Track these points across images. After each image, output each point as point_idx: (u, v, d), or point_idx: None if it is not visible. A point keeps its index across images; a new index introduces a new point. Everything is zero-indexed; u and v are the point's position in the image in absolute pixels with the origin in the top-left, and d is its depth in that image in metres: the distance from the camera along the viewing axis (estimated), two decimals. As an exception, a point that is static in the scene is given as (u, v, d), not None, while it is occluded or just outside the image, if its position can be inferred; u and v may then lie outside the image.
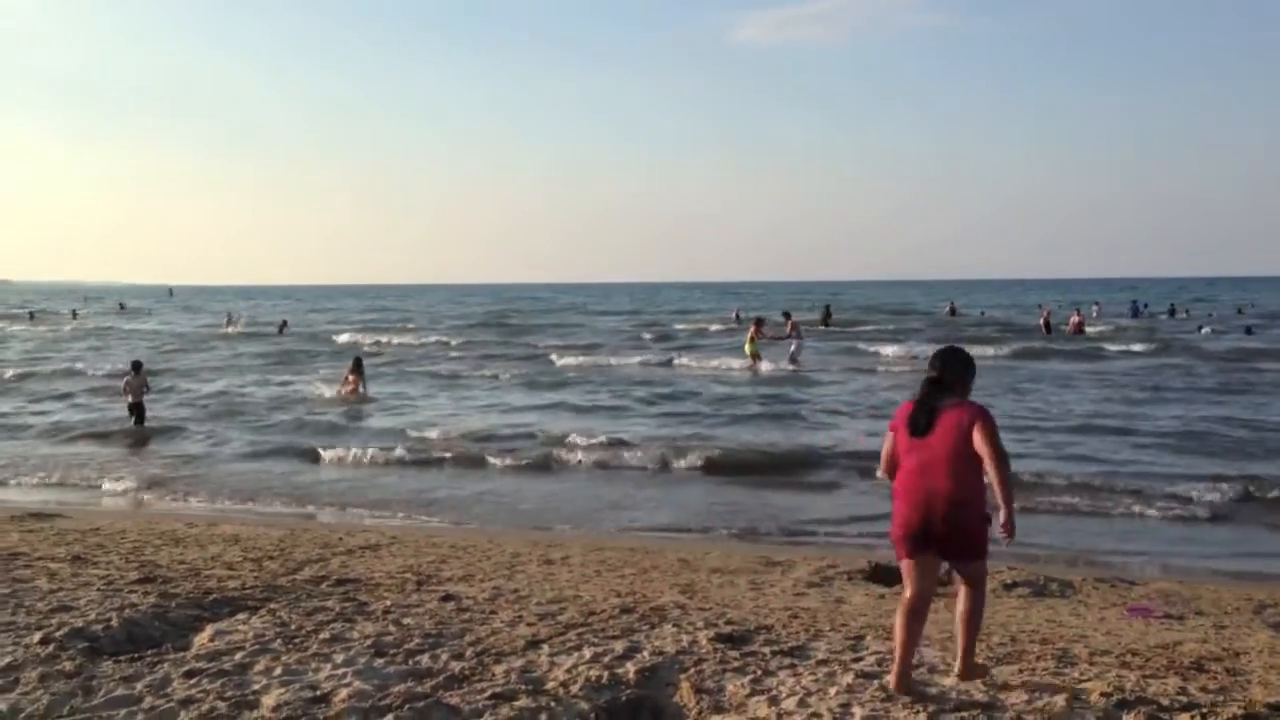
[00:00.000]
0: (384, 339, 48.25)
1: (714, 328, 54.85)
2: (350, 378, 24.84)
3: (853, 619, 6.71)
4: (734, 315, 63.58)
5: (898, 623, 5.11)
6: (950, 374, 5.39)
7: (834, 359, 34.07)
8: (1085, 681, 5.16)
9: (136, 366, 20.56)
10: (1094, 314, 60.17)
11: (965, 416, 5.17)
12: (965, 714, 4.54)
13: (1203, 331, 45.61)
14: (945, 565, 5.26)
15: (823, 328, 52.22)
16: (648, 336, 49.86)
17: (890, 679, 5.03)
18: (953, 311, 71.25)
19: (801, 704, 4.73)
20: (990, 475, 5.07)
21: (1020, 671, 5.37)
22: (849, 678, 5.11)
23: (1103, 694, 4.87)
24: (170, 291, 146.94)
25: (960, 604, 5.20)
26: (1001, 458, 5.08)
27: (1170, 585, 8.11)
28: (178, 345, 45.28)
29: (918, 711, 4.59)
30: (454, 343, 45.76)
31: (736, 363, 31.36)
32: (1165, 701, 4.79)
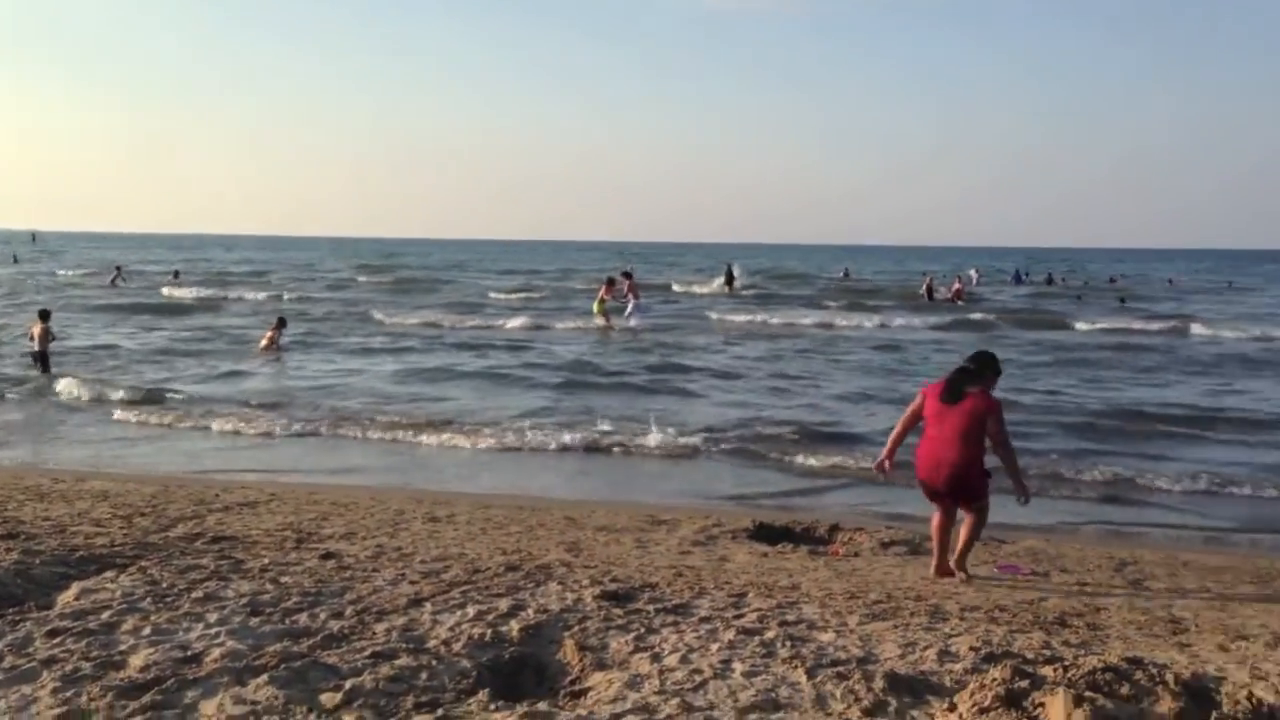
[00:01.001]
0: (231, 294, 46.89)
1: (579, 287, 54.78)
2: (270, 334, 24.78)
3: (736, 577, 6.81)
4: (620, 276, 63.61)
5: (933, 531, 7.32)
6: (980, 368, 7.14)
7: (688, 322, 34.58)
8: (956, 636, 5.32)
9: (44, 315, 20.25)
10: (974, 280, 61.74)
11: (982, 404, 6.98)
12: (842, 668, 4.64)
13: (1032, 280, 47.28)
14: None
15: (726, 291, 52.89)
16: (499, 297, 48.82)
17: (931, 569, 7.31)
18: (846, 275, 72.68)
19: (683, 660, 4.78)
20: (999, 456, 7.04)
21: (895, 627, 5.51)
22: (731, 634, 5.18)
23: (971, 648, 5.04)
24: (33, 237, 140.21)
25: (965, 524, 7.24)
26: (1006, 443, 7.02)
27: (1038, 543, 8.41)
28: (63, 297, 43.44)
29: (796, 665, 4.68)
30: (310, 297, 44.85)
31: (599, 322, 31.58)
32: (1030, 655, 4.98)
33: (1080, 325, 35.26)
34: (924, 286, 50.57)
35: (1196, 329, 33.35)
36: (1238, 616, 6.33)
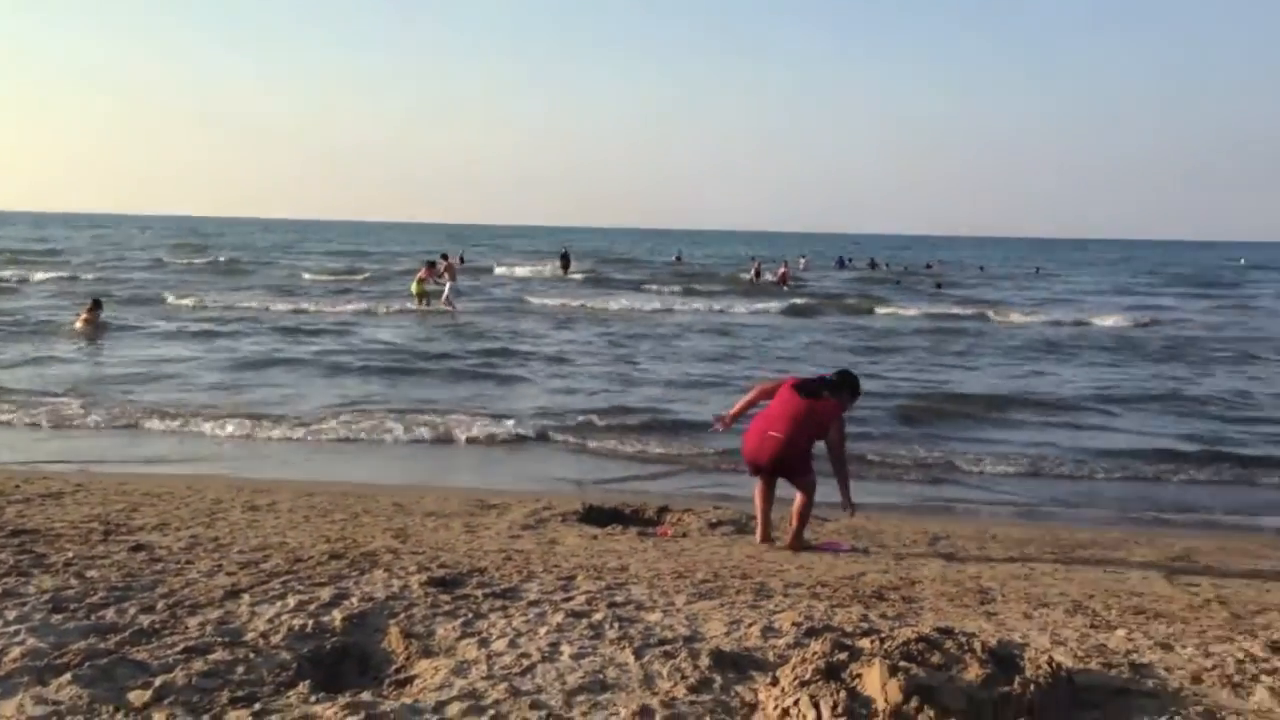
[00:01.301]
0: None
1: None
2: (84, 316, 23.77)
3: (565, 560, 6.81)
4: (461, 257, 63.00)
5: (755, 499, 7.87)
6: (841, 382, 7.68)
7: (519, 306, 34.60)
8: (779, 612, 5.45)
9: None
10: (801, 266, 63.38)
11: (830, 410, 7.53)
12: (669, 647, 4.70)
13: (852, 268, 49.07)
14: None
15: (562, 275, 52.99)
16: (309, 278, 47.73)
17: (756, 538, 7.82)
18: (678, 260, 73.61)
19: (511, 644, 4.75)
20: (833, 465, 7.58)
21: (721, 606, 5.61)
22: (559, 617, 5.17)
23: (794, 623, 5.17)
24: None
25: (795, 503, 7.66)
26: (842, 455, 7.59)
27: (858, 520, 8.68)
28: None
29: (624, 646, 4.71)
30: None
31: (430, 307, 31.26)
32: (849, 628, 5.14)
33: (897, 310, 36.63)
34: (752, 271, 51.77)
35: (998, 315, 35.06)
36: (1040, 585, 6.68)
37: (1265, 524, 10.04)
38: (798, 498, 7.72)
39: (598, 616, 5.18)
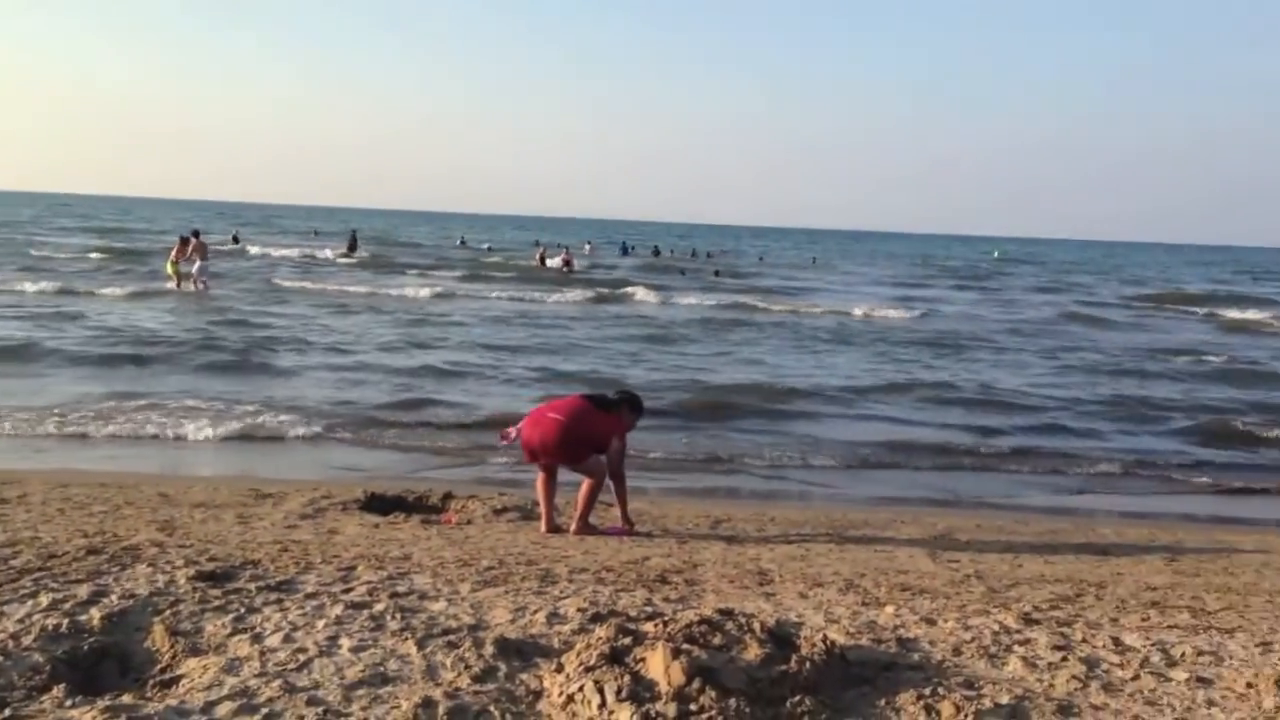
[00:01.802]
0: None
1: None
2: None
3: (345, 550, 6.61)
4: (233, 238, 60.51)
5: (537, 487, 7.95)
6: (623, 400, 8.01)
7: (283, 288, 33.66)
8: (564, 598, 5.45)
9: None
10: (586, 251, 63.75)
11: (613, 424, 7.83)
12: (453, 637, 4.62)
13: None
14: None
15: (348, 256, 51.76)
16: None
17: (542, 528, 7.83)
18: (463, 244, 72.76)
19: (287, 639, 4.57)
20: (613, 482, 7.89)
21: (506, 593, 5.56)
22: (338, 609, 5.01)
23: (579, 609, 5.18)
24: None
25: (583, 486, 7.86)
26: (620, 471, 7.87)
27: (642, 505, 8.80)
28: None
29: (406, 637, 4.60)
30: None
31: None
32: (634, 612, 5.19)
33: (676, 299, 37.21)
34: (537, 256, 51.79)
35: (769, 303, 36.22)
36: (815, 565, 6.93)
37: (1018, 503, 10.73)
38: (585, 482, 7.90)
39: (379, 608, 5.05)
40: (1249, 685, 4.53)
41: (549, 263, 50.15)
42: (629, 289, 39.96)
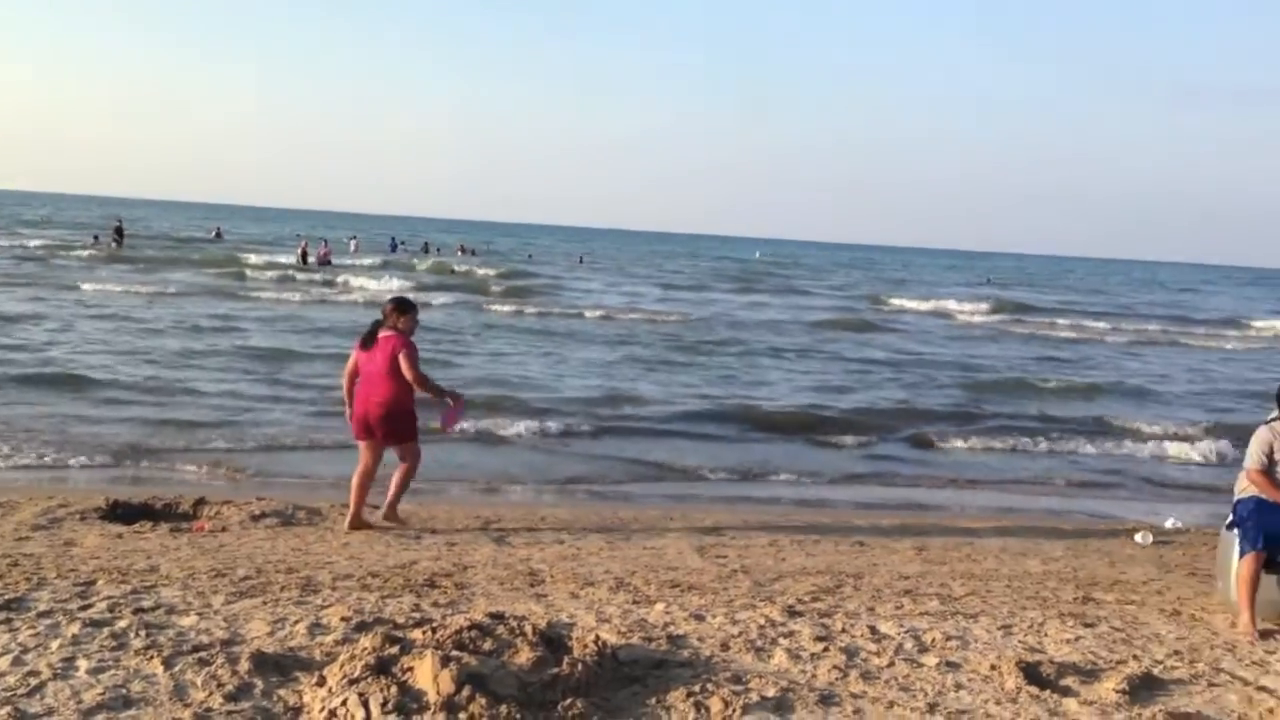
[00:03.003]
0: None
1: None
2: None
3: (83, 563, 6.14)
4: None
5: (353, 483, 7.98)
6: (389, 313, 7.96)
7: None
8: (327, 607, 5.23)
9: None
10: (351, 247, 62.00)
11: (394, 342, 7.80)
12: (204, 653, 4.35)
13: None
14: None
15: (114, 246, 49.06)
16: None
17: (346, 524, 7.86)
18: (218, 236, 69.59)
19: (16, 662, 4.20)
20: (419, 387, 7.82)
21: (264, 604, 5.30)
22: (75, 628, 4.64)
23: (343, 618, 4.98)
24: None
25: (398, 471, 8.06)
26: (419, 374, 7.78)
27: (410, 507, 8.57)
28: None
29: (152, 656, 4.30)
30: None
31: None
32: (401, 619, 5.03)
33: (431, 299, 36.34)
34: (299, 250, 50.08)
35: (541, 306, 36.18)
36: (586, 564, 6.92)
37: (781, 496, 11.07)
38: (401, 467, 8.09)
39: (121, 624, 4.71)
40: (993, 668, 4.81)
41: (310, 259, 48.40)
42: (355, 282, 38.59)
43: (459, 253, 70.84)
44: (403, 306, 8.07)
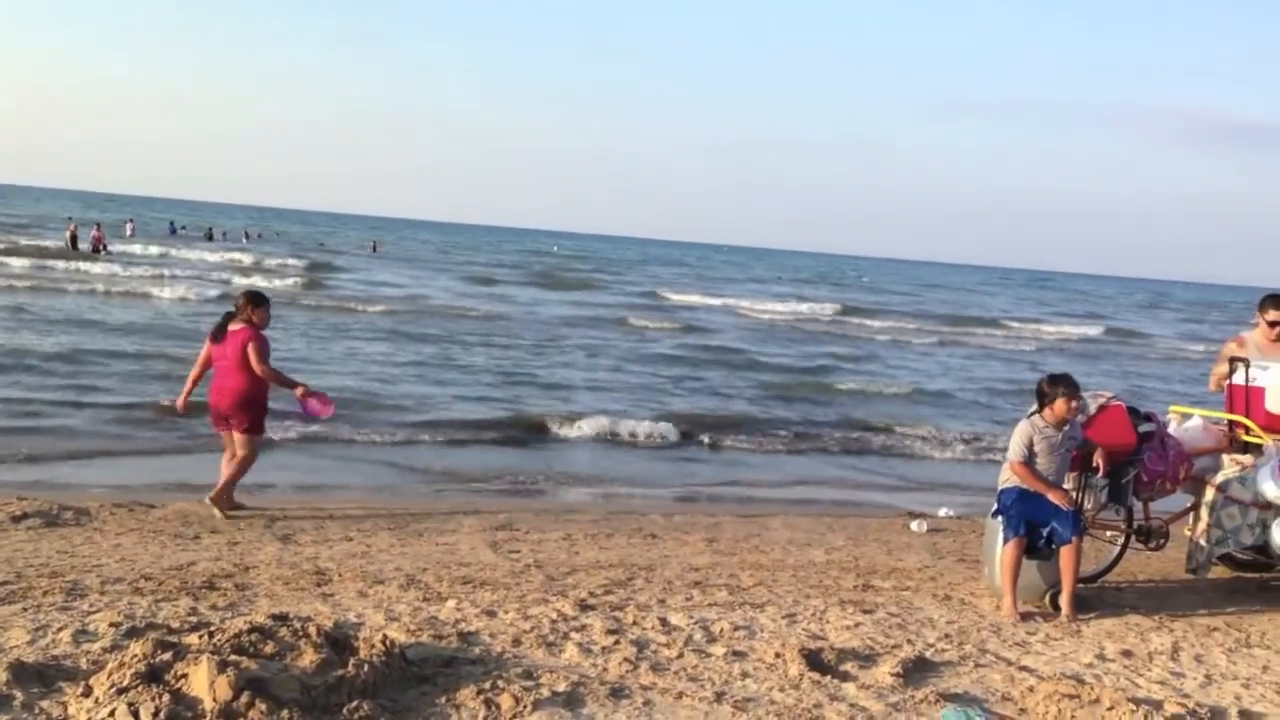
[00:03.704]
0: None
1: None
2: None
3: None
4: None
5: (223, 468, 8.21)
6: (242, 306, 8.14)
7: None
8: (95, 613, 4.95)
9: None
10: (127, 231, 58.85)
11: (244, 334, 8.01)
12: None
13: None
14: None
15: None
16: None
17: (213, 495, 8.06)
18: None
19: None
20: (266, 377, 8.05)
21: (25, 610, 4.97)
22: None
23: (112, 624, 4.71)
24: None
25: (234, 460, 8.16)
26: (267, 365, 8.03)
27: (189, 507, 8.18)
28: None
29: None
30: None
31: None
32: (176, 624, 4.80)
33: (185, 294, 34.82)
34: (67, 233, 47.07)
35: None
36: (376, 562, 6.76)
37: (573, 493, 11.11)
38: (238, 455, 8.16)
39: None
40: (777, 655, 4.95)
41: (80, 245, 45.52)
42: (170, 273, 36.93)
43: (244, 238, 68.26)
44: (256, 299, 8.21)
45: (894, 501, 11.63)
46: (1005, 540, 6.44)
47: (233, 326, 8.09)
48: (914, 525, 9.48)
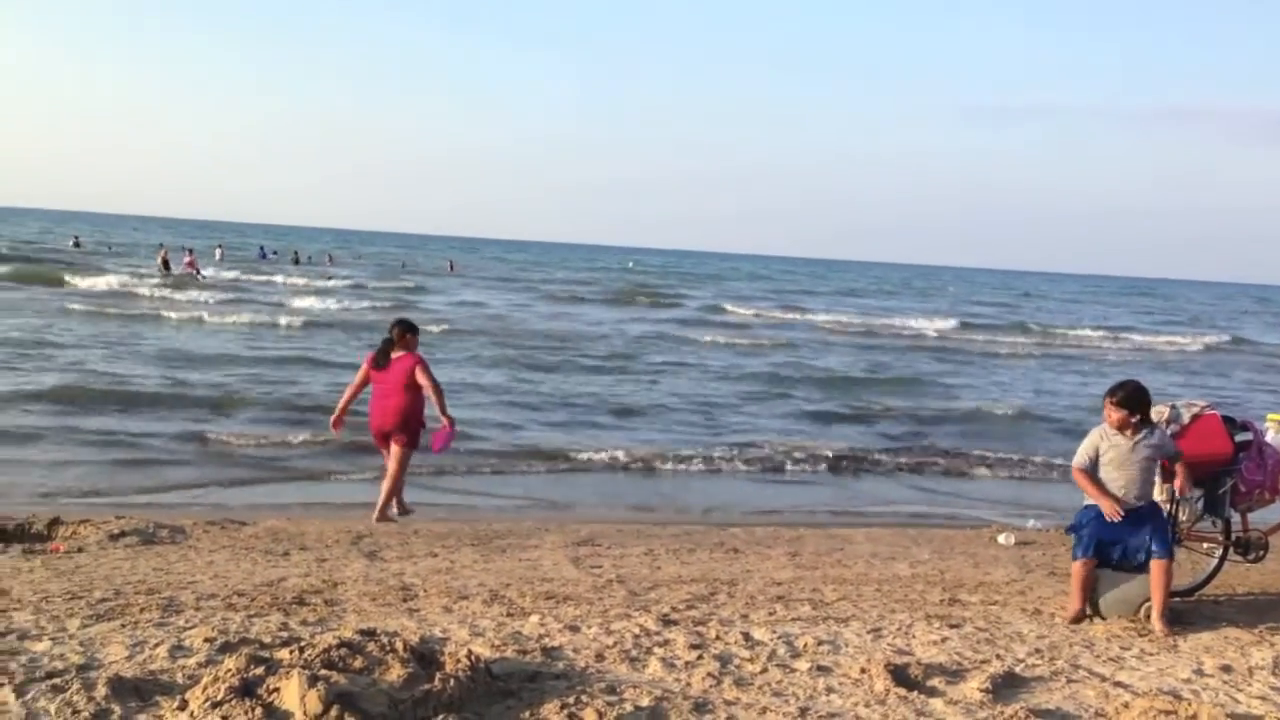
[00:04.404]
0: None
1: None
2: None
3: (-74, 588, 5.83)
4: None
5: (384, 485, 9.17)
6: (401, 334, 9.05)
7: None
8: (190, 629, 5.07)
9: None
10: (217, 256, 60.34)
11: (410, 360, 8.97)
12: (58, 680, 4.16)
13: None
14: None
15: None
16: None
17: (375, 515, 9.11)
18: (76, 244, 67.17)
19: None
20: (432, 400, 8.96)
21: (123, 626, 5.10)
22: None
23: (206, 639, 4.82)
24: None
25: (391, 475, 9.10)
26: (437, 385, 8.98)
27: (279, 523, 8.38)
28: None
29: (2, 684, 4.10)
30: None
31: None
32: (268, 639, 4.90)
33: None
34: (159, 258, 48.55)
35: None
36: (460, 578, 6.84)
37: (653, 506, 11.14)
38: (392, 469, 9.10)
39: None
40: (863, 670, 4.90)
41: (174, 268, 46.80)
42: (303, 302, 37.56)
43: (328, 261, 69.65)
44: (413, 328, 9.20)
45: (979, 514, 11.46)
46: (1074, 558, 6.32)
47: (395, 353, 8.98)
48: (1001, 538, 9.32)
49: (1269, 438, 6.92)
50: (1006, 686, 4.85)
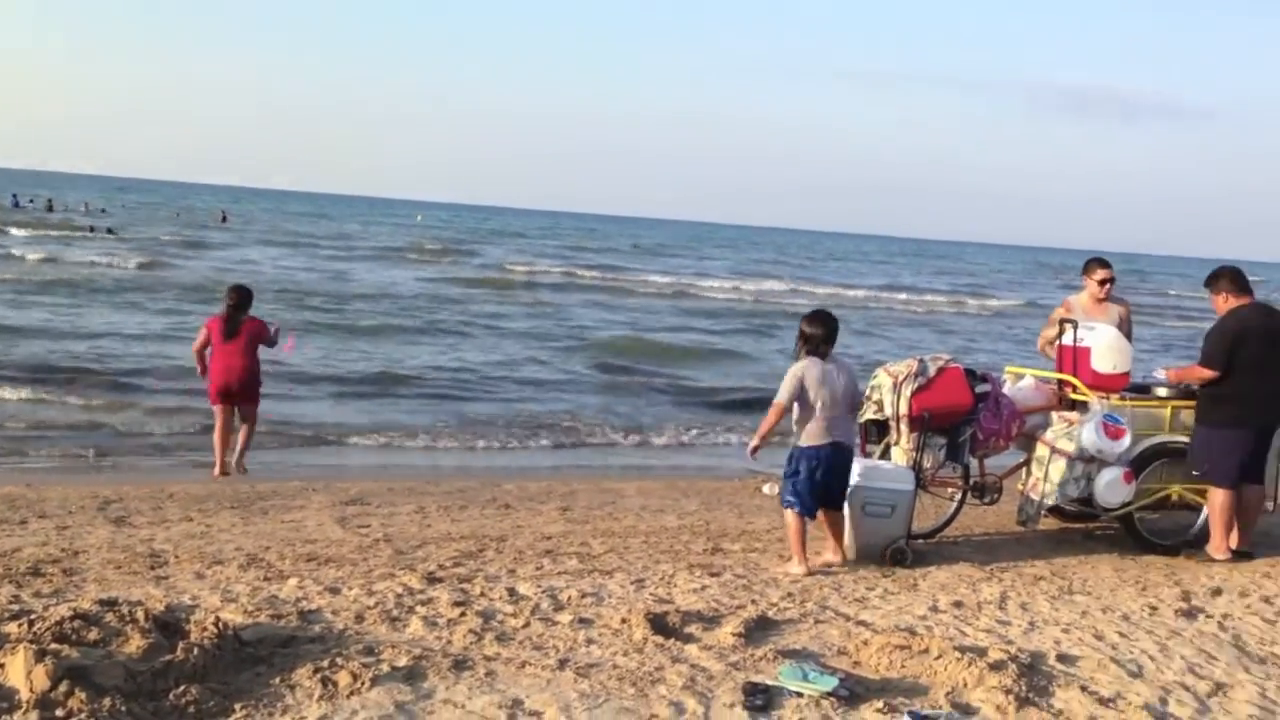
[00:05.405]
0: None
1: None
2: None
3: None
4: None
5: (216, 440, 9.46)
6: (242, 300, 9.49)
7: None
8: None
9: None
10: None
11: (253, 325, 9.45)
12: None
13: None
14: None
15: None
16: None
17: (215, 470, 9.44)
18: None
19: None
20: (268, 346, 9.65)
21: None
22: None
23: (-79, 616, 4.47)
24: None
25: (244, 429, 9.59)
26: (273, 341, 9.68)
27: (16, 490, 7.82)
28: None
29: None
30: None
31: None
32: (-6, 612, 4.58)
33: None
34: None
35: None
36: (216, 542, 6.57)
37: (424, 461, 10.99)
38: (245, 426, 9.55)
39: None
40: (623, 621, 4.99)
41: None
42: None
43: (84, 209, 65.55)
44: (249, 293, 9.67)
45: (747, 464, 11.82)
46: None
47: (243, 318, 9.38)
48: (765, 488, 9.64)
49: (1005, 389, 7.41)
50: (759, 630, 5.04)
